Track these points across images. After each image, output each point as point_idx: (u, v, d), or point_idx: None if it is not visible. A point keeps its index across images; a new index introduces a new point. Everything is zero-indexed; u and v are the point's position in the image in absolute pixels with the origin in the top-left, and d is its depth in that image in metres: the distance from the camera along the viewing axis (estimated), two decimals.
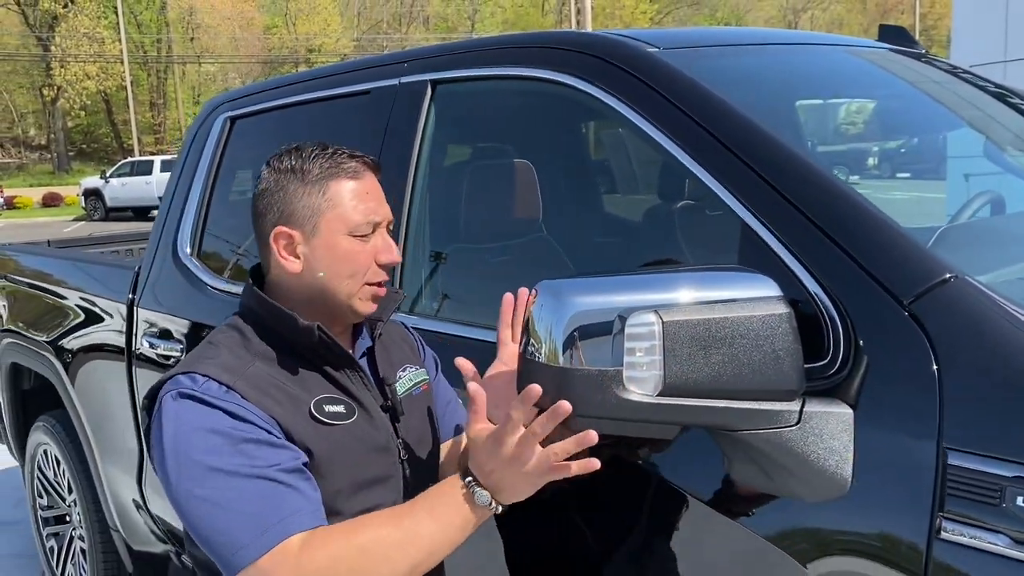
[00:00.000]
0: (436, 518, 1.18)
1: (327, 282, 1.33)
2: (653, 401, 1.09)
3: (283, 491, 1.19)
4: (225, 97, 2.80)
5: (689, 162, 1.44)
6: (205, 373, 1.26)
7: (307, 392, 1.31)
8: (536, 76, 1.76)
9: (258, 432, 1.22)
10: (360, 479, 1.32)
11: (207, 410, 1.22)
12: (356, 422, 1.33)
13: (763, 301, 1.12)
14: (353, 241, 1.32)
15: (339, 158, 1.35)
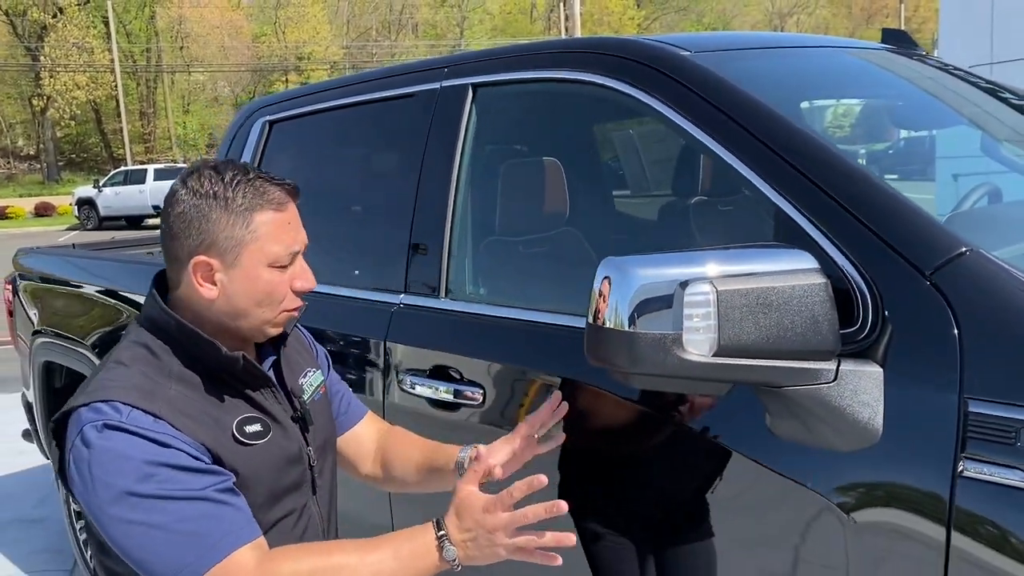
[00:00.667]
0: (400, 559, 1.24)
1: (244, 310, 1.33)
2: (709, 361, 1.24)
3: (222, 509, 1.23)
4: (263, 102, 2.94)
5: (724, 153, 1.59)
6: (126, 401, 1.23)
7: (226, 414, 1.32)
8: (574, 79, 1.91)
9: (189, 460, 1.23)
10: (277, 490, 1.36)
11: (138, 441, 1.21)
12: (272, 438, 1.36)
13: (803, 272, 1.28)
14: (273, 272, 1.32)
15: (263, 186, 1.32)
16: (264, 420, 1.36)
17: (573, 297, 1.72)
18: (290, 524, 1.39)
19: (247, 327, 1.36)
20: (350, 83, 2.57)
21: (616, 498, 1.67)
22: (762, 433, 1.40)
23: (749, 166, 1.54)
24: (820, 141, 1.51)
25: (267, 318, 1.36)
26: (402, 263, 2.17)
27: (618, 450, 1.68)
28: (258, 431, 1.34)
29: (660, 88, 1.72)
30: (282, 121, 2.79)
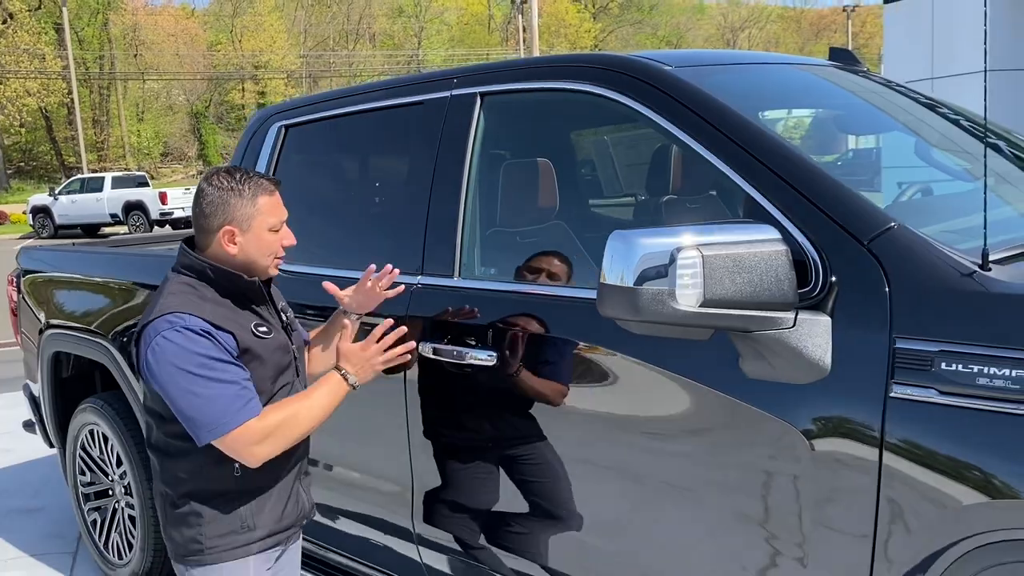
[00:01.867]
0: (326, 394, 2.07)
1: (255, 259, 2.06)
2: (696, 311, 1.59)
3: (243, 392, 1.94)
4: (277, 108, 3.24)
5: (701, 150, 1.94)
6: (185, 311, 1.94)
7: (246, 320, 2.04)
8: (572, 89, 2.26)
9: (225, 354, 1.94)
10: (279, 368, 2.09)
11: (196, 338, 1.92)
12: (274, 336, 2.09)
13: (769, 242, 1.63)
14: (271, 234, 2.06)
15: (258, 180, 2.05)
16: (268, 324, 2.10)
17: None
18: (286, 393, 2.12)
19: (256, 269, 2.08)
20: (364, 91, 2.88)
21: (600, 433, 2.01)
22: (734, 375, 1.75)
23: (723, 160, 1.90)
24: (780, 140, 1.87)
25: (267, 263, 2.09)
26: (418, 249, 2.49)
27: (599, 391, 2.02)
28: (265, 331, 2.07)
29: (647, 97, 2.07)
30: (297, 125, 3.09)
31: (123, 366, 3.54)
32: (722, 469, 1.81)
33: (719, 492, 1.82)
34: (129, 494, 3.78)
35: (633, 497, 1.99)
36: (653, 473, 1.93)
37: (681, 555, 1.92)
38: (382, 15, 58.01)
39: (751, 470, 1.76)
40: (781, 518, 1.72)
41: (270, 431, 1.95)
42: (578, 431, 2.06)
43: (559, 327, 2.12)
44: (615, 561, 2.05)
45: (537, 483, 2.20)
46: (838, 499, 1.64)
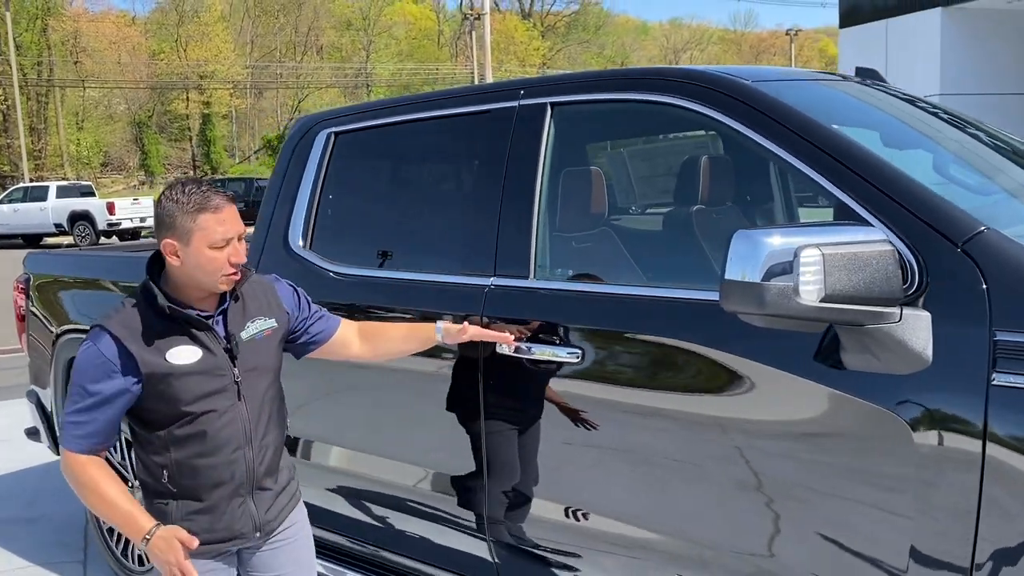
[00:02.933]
0: (122, 521, 2.06)
1: (194, 275, 2.09)
2: (816, 305, 1.72)
3: (80, 424, 2.06)
4: (322, 115, 3.30)
5: (794, 160, 2.08)
6: (105, 326, 2.07)
7: (167, 342, 2.08)
8: (651, 100, 2.39)
9: (98, 384, 2.04)
10: (201, 392, 2.10)
11: (87, 357, 2.06)
12: (200, 360, 2.10)
13: (878, 242, 1.77)
14: (213, 251, 2.06)
15: (207, 195, 2.07)
16: (195, 348, 2.11)
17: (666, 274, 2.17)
18: (215, 417, 2.13)
19: (203, 284, 2.11)
20: (424, 100, 2.97)
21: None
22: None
23: (815, 169, 2.04)
24: (870, 150, 2.02)
25: (213, 280, 2.10)
26: (490, 251, 2.58)
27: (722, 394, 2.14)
28: (186, 352, 2.09)
29: (732, 109, 2.21)
30: (348, 133, 3.16)
31: None
32: (828, 461, 1.93)
33: (828, 485, 1.94)
34: None
35: (737, 496, 2.10)
36: (759, 471, 2.04)
37: (789, 549, 2.03)
38: (330, 28, 57.78)
39: (855, 460, 1.89)
40: (888, 506, 1.85)
41: (76, 476, 2.08)
42: (674, 431, 2.17)
43: (648, 326, 2.23)
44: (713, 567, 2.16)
45: (623, 484, 2.30)
46: (941, 484, 1.78)
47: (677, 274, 2.63)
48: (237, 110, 53.67)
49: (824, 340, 1.91)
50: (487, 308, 2.54)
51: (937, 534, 1.79)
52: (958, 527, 1.76)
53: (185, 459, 2.12)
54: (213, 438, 2.13)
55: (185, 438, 2.11)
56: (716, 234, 3.29)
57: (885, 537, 1.86)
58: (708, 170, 3.16)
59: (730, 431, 2.07)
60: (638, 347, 2.24)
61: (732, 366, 2.06)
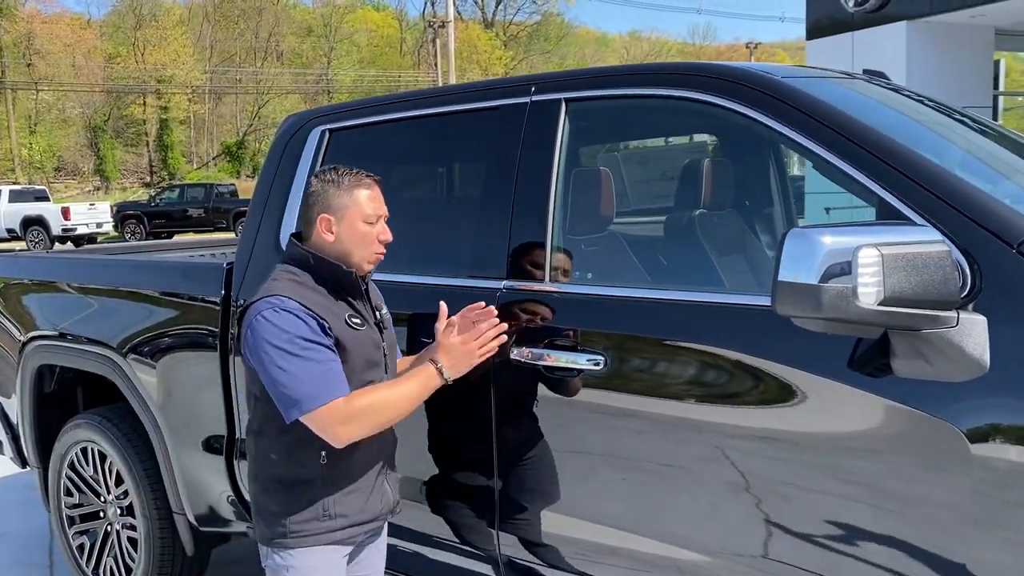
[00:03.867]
0: (416, 385, 2.12)
1: (350, 249, 2.16)
2: (875, 309, 1.62)
3: (331, 372, 2.03)
4: (314, 112, 3.15)
5: (830, 156, 1.99)
6: (285, 295, 2.06)
7: (340, 310, 2.13)
8: (673, 96, 2.29)
9: (319, 336, 2.04)
10: (368, 361, 2.16)
11: (291, 318, 2.03)
12: (366, 330, 2.17)
13: (934, 243, 1.68)
14: (366, 226, 2.16)
15: (359, 175, 2.19)
16: (361, 317, 2.18)
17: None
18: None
19: (352, 260, 2.17)
20: (426, 96, 2.84)
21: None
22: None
23: (855, 167, 1.95)
24: (913, 149, 1.93)
25: (363, 256, 2.18)
26: (502, 253, 2.46)
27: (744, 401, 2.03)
28: (358, 323, 2.17)
29: (763, 105, 2.11)
30: (344, 130, 3.02)
31: (133, 378, 3.36)
32: (877, 474, 1.83)
33: (877, 499, 1.84)
34: (129, 515, 3.57)
35: (779, 511, 1.99)
36: (803, 484, 1.94)
37: (841, 566, 1.93)
38: (291, 34, 57.16)
39: (905, 472, 1.79)
40: (942, 521, 1.76)
41: (356, 413, 2.02)
42: (708, 442, 2.07)
43: (680, 331, 2.12)
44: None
45: (647, 497, 2.18)
46: (998, 497, 1.69)
47: (712, 278, 2.54)
48: (195, 116, 52.80)
49: (872, 346, 1.81)
50: (499, 313, 2.41)
51: (996, 550, 1.70)
52: (1020, 541, 1.67)
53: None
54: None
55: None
56: (744, 236, 3.21)
57: (939, 554, 1.77)
58: (728, 172, 3.08)
59: (768, 442, 1.97)
60: (669, 354, 2.13)
61: (773, 373, 1.95)
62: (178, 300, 3.25)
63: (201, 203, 27.77)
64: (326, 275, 2.16)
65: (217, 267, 3.16)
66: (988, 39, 13.60)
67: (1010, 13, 12.40)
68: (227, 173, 47.16)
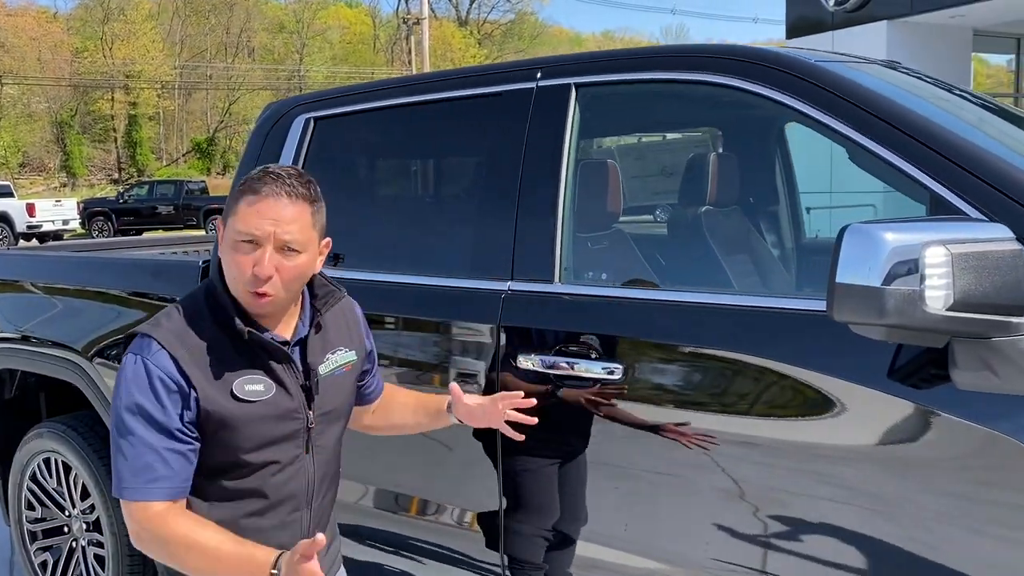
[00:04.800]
0: (240, 563, 1.54)
1: (230, 282, 1.62)
2: (944, 314, 1.44)
3: (159, 465, 1.57)
4: (300, 99, 2.94)
5: (874, 146, 1.81)
6: (158, 338, 1.59)
7: (233, 372, 1.61)
8: (695, 80, 2.10)
9: (164, 415, 1.56)
10: (266, 439, 1.65)
11: (143, 379, 1.57)
12: (272, 398, 1.64)
13: (1005, 241, 1.51)
14: (238, 247, 1.57)
15: (265, 179, 1.59)
16: (268, 382, 1.64)
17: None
18: (274, 470, 1.68)
19: (237, 298, 1.63)
20: (420, 81, 2.63)
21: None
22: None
23: (903, 157, 1.77)
24: (963, 136, 1.76)
25: (239, 292, 1.61)
26: (506, 252, 2.26)
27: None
28: (258, 390, 1.63)
29: (797, 89, 1.93)
30: (331, 118, 2.80)
31: (100, 384, 3.12)
32: (936, 495, 1.66)
33: (933, 522, 1.67)
34: (96, 530, 3.33)
35: (822, 534, 1.81)
36: (848, 502, 1.76)
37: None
38: (262, 30, 56.47)
39: (967, 492, 1.62)
40: (1012, 544, 1.59)
41: (159, 533, 1.57)
42: (742, 458, 1.88)
43: (707, 337, 1.94)
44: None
45: (674, 521, 2.00)
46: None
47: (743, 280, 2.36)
48: (165, 111, 51.92)
49: (926, 356, 1.64)
50: (504, 316, 2.22)
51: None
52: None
53: (230, 519, 1.66)
54: (270, 496, 1.69)
55: (235, 493, 1.67)
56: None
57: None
58: (761, 166, 2.91)
59: (812, 459, 1.78)
60: (698, 363, 1.94)
61: (816, 385, 1.77)
62: (149, 301, 3.02)
63: (171, 200, 27.26)
64: (223, 322, 1.62)
65: (192, 265, 2.94)
66: (967, 40, 13.61)
67: (988, 14, 12.41)
68: (197, 170, 46.43)
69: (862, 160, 1.89)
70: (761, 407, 1.83)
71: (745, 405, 1.85)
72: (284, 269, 1.58)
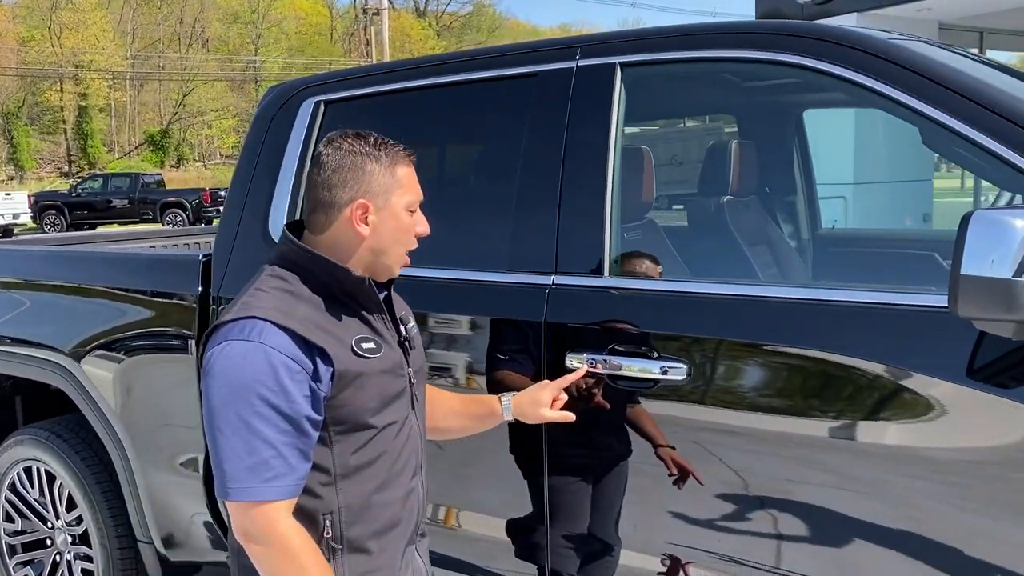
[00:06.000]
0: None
1: (387, 246, 1.64)
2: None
3: (278, 463, 1.48)
4: (305, 82, 2.74)
5: (964, 129, 1.69)
6: (266, 317, 1.50)
7: (347, 332, 1.58)
8: (753, 58, 1.96)
9: (291, 399, 1.48)
10: (385, 397, 1.62)
11: (261, 362, 1.47)
12: (383, 355, 1.62)
13: None
14: (409, 215, 1.65)
15: (395, 147, 1.66)
16: (377, 340, 1.62)
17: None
18: (394, 432, 1.63)
19: (384, 262, 1.65)
20: (445, 61, 2.46)
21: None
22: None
23: (997, 141, 1.65)
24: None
25: (399, 254, 1.66)
26: (549, 243, 2.11)
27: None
28: (372, 347, 1.60)
29: (871, 68, 1.81)
30: (344, 101, 2.62)
31: (89, 387, 2.90)
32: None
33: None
34: (84, 543, 3.11)
35: (923, 545, 1.69)
36: (955, 512, 1.64)
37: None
38: (217, 20, 55.36)
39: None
40: None
41: (266, 537, 1.49)
42: (827, 465, 1.75)
43: (795, 337, 1.80)
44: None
45: (751, 535, 1.86)
46: None
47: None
48: (116, 103, 50.66)
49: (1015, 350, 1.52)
50: (550, 312, 2.06)
51: None
52: None
53: (360, 498, 1.59)
54: (394, 463, 1.64)
55: (363, 466, 1.59)
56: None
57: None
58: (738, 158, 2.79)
59: (913, 467, 1.65)
60: (775, 362, 1.81)
61: (914, 387, 1.64)
62: (145, 297, 2.81)
63: (126, 193, 26.54)
64: (331, 284, 1.60)
65: (191, 260, 2.74)
66: (933, 33, 13.68)
67: (953, 7, 12.51)
68: (151, 163, 45.37)
69: (944, 146, 1.77)
70: (858, 410, 1.70)
71: (839, 407, 1.72)
72: None
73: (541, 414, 1.89)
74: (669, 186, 3.73)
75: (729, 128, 3.30)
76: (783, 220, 3.31)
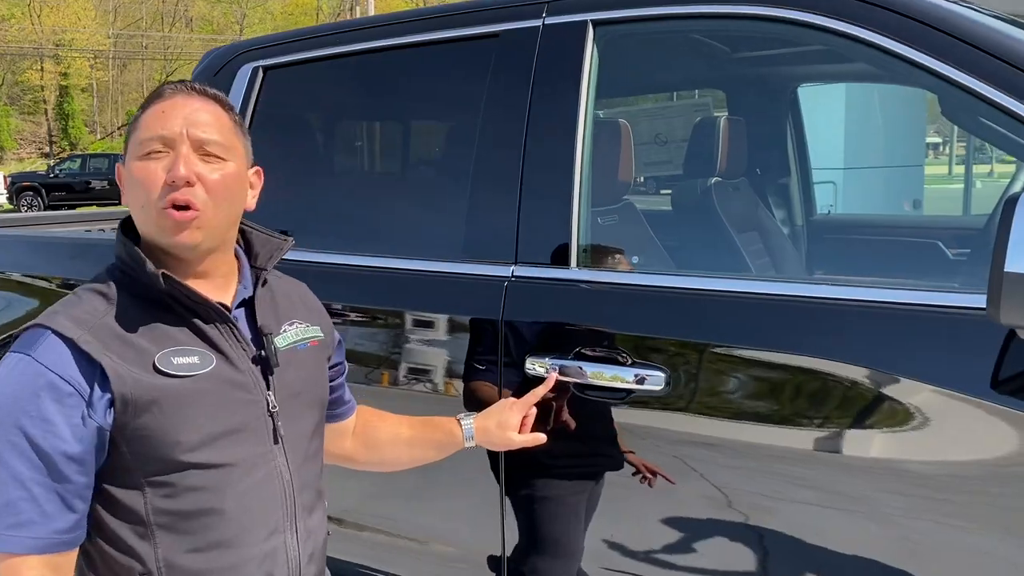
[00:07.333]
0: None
1: (135, 214, 1.25)
2: None
3: (28, 506, 1.16)
4: (246, 44, 2.44)
5: (993, 94, 1.41)
6: (49, 324, 1.20)
7: (156, 344, 1.22)
8: (754, 15, 1.68)
9: (50, 435, 1.16)
10: (215, 431, 1.23)
11: (25, 381, 1.17)
12: (209, 373, 1.24)
13: None
14: (146, 161, 1.22)
15: (167, 85, 1.29)
16: (205, 353, 1.25)
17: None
18: (236, 475, 1.25)
19: (150, 239, 1.25)
20: (397, 21, 2.17)
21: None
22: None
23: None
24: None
25: (151, 219, 1.22)
26: (509, 230, 1.83)
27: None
28: (188, 363, 1.23)
29: (889, 27, 1.52)
30: (284, 67, 2.32)
31: None
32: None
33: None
34: None
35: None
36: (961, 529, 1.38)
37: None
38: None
39: None
40: None
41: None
42: (833, 480, 1.49)
43: (792, 341, 1.53)
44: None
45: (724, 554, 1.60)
46: None
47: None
48: (99, 83, 49.95)
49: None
50: (508, 308, 1.78)
51: None
52: None
53: (188, 555, 1.22)
54: (233, 514, 1.24)
55: (189, 516, 1.22)
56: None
57: None
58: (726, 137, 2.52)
59: (920, 481, 1.39)
60: (771, 371, 1.53)
61: (931, 402, 1.37)
62: (56, 289, 2.52)
63: (105, 175, 26.06)
64: (135, 277, 1.25)
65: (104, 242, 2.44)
66: None
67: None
68: None
69: (968, 117, 1.49)
70: (862, 424, 1.43)
71: (841, 420, 1.45)
72: (208, 181, 1.23)
73: (509, 438, 1.60)
74: (653, 167, 3.45)
75: (719, 110, 3.01)
76: (775, 204, 3.05)
